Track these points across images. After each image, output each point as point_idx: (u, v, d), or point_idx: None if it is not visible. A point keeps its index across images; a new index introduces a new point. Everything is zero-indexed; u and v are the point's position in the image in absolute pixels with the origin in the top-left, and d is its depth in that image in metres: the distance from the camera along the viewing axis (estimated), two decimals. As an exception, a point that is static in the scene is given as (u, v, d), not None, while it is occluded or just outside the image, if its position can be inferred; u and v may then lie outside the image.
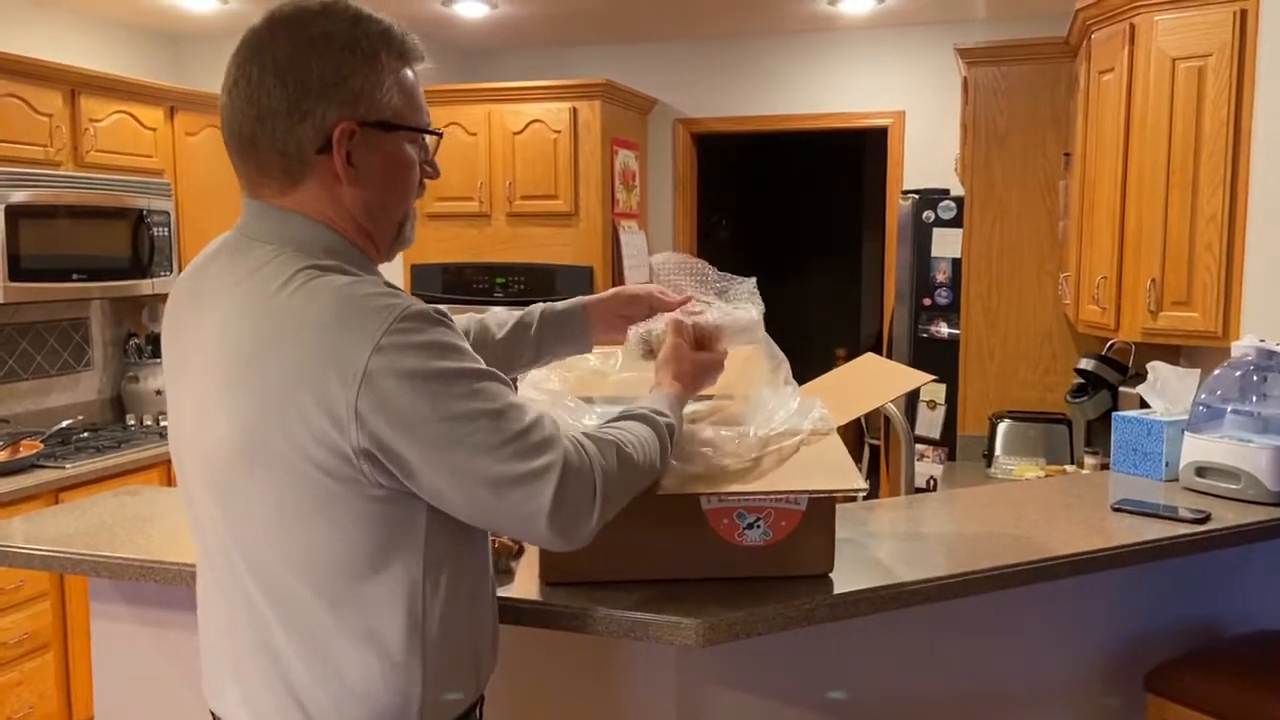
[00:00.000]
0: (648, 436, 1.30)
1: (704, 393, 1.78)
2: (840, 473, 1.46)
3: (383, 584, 1.14)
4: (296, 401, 1.08)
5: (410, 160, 1.22)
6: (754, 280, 1.59)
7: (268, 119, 1.15)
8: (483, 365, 1.14)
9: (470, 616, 1.24)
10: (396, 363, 1.07)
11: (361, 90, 1.16)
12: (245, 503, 1.15)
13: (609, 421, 1.32)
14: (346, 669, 1.15)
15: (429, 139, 1.25)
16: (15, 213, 3.35)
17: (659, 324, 1.55)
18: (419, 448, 1.08)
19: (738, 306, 1.56)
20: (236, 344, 1.12)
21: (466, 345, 1.14)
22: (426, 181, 1.28)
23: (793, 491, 1.46)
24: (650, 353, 1.54)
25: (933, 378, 1.72)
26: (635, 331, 1.57)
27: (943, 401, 3.87)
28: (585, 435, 1.22)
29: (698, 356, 1.49)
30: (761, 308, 1.56)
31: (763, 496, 1.47)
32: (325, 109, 1.14)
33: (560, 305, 1.63)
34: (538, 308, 1.63)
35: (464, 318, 1.61)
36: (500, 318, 1.62)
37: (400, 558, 1.14)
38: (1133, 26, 2.72)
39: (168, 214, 3.96)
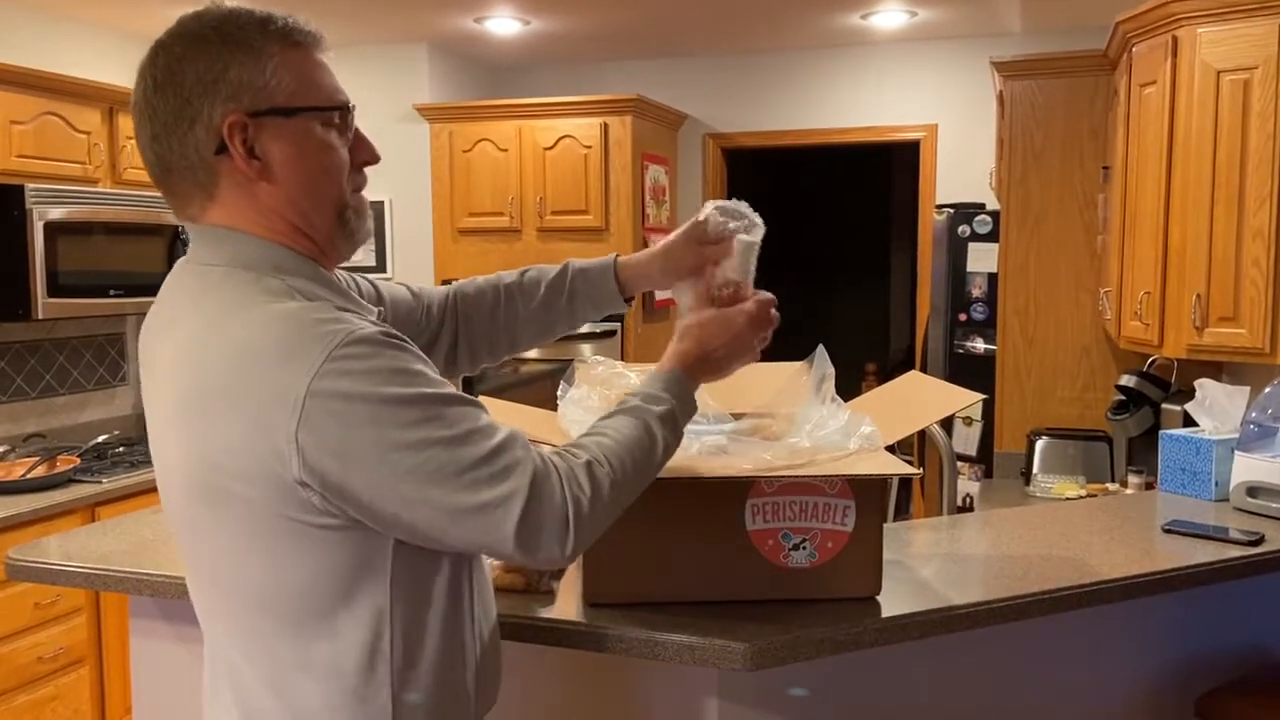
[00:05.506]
0: (633, 438, 1.18)
1: (742, 410, 1.76)
2: (893, 465, 1.44)
3: (346, 616, 1.09)
4: (241, 433, 1.03)
5: (324, 143, 1.14)
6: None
7: (162, 136, 1.12)
8: (441, 389, 1.07)
9: (450, 647, 1.17)
10: (337, 390, 1.01)
11: (242, 80, 1.10)
12: (201, 535, 1.13)
13: (600, 421, 1.23)
14: (308, 703, 1.11)
15: (349, 118, 1.17)
16: (54, 229, 3.38)
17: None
18: (364, 478, 1.03)
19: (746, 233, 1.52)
20: (185, 375, 1.09)
21: (425, 368, 1.08)
22: (368, 170, 1.20)
23: (845, 475, 1.44)
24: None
25: (981, 397, 1.69)
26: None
27: (979, 418, 3.82)
28: (557, 453, 1.13)
29: (708, 314, 1.37)
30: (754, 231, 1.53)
31: (816, 481, 1.44)
32: (210, 107, 1.09)
33: (592, 268, 1.53)
34: (568, 270, 1.53)
35: (482, 280, 1.55)
36: (527, 287, 1.53)
37: (364, 588, 1.09)
38: (1175, 39, 2.68)
39: (203, 230, 3.98)
